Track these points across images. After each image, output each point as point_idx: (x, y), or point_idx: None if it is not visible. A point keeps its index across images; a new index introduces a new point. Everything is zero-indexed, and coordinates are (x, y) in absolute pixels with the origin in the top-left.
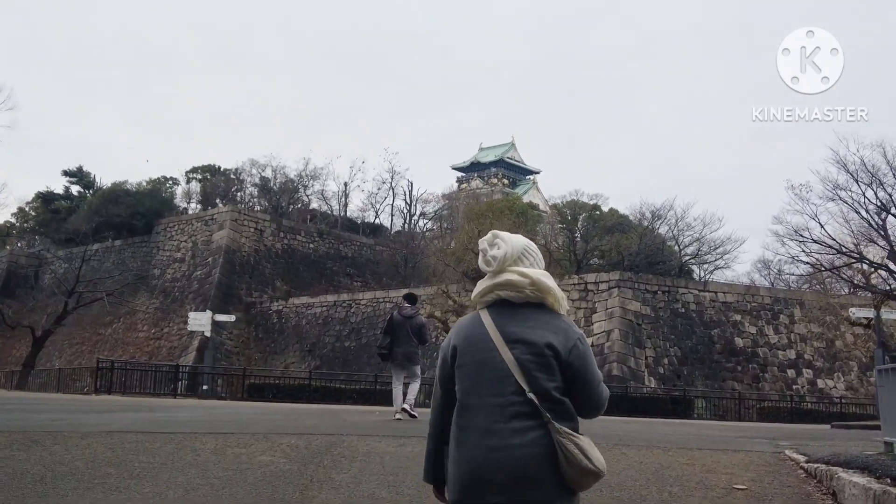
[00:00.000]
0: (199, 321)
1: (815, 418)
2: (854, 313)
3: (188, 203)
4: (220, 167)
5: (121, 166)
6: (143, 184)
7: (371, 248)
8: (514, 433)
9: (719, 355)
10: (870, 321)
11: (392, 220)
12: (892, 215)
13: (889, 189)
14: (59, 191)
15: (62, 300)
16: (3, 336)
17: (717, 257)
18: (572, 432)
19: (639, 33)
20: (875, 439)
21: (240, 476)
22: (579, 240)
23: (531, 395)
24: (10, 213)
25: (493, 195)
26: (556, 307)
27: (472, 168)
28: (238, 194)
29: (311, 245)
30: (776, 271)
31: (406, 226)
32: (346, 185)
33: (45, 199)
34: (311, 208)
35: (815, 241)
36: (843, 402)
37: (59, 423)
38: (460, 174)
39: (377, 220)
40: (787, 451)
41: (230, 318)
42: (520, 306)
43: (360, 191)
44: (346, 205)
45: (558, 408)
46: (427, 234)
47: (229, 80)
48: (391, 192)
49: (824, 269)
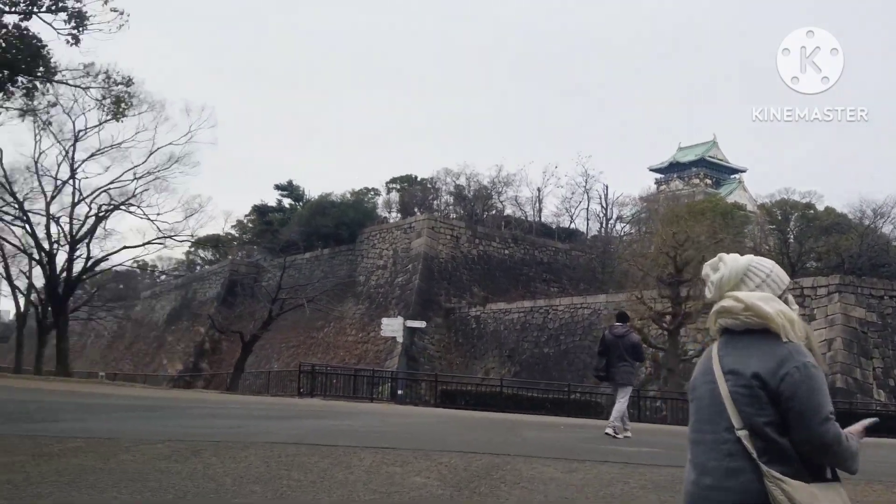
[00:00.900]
0: (392, 327)
1: None
2: None
3: (388, 212)
4: (416, 177)
5: (326, 179)
6: (347, 195)
7: (566, 253)
8: (728, 474)
9: None
10: None
11: (588, 225)
12: None
13: None
14: (273, 203)
15: (268, 307)
16: (227, 339)
17: None
18: (783, 478)
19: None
20: None
21: (385, 500)
22: (792, 241)
23: (739, 433)
24: (230, 226)
25: (695, 196)
26: (782, 333)
27: (671, 169)
28: (434, 202)
29: (506, 251)
30: None
31: (602, 230)
32: (539, 190)
33: (260, 211)
34: (504, 214)
35: None
36: None
37: (231, 432)
38: (658, 175)
39: (572, 225)
40: None
41: (421, 324)
42: (741, 334)
43: (554, 196)
44: (539, 210)
45: (773, 447)
46: (624, 238)
47: (420, 94)
48: (586, 196)
49: None
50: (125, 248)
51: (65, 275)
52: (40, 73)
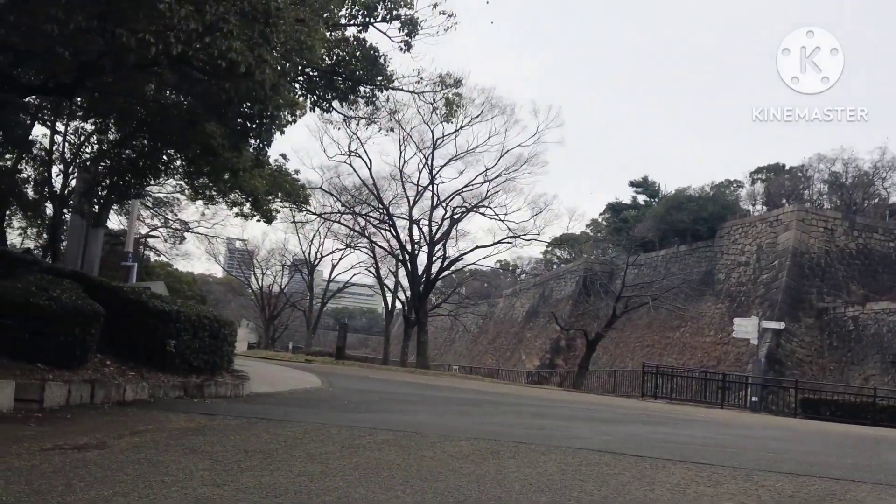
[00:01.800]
0: (745, 328)
1: None
2: None
3: (752, 205)
4: (784, 165)
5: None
6: (706, 189)
7: None
8: None
9: None
10: None
11: None
12: None
13: None
14: (627, 201)
15: (612, 305)
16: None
17: None
18: None
19: None
20: None
21: None
22: None
23: None
24: (584, 225)
25: None
26: None
27: None
28: (805, 192)
29: (892, 243)
30: None
31: None
32: None
33: (615, 209)
34: (889, 203)
35: None
36: None
37: (541, 433)
38: None
39: None
40: None
41: (780, 325)
42: None
43: None
44: None
45: None
46: None
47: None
48: None
49: None
50: (477, 247)
51: (424, 274)
52: (379, 81)
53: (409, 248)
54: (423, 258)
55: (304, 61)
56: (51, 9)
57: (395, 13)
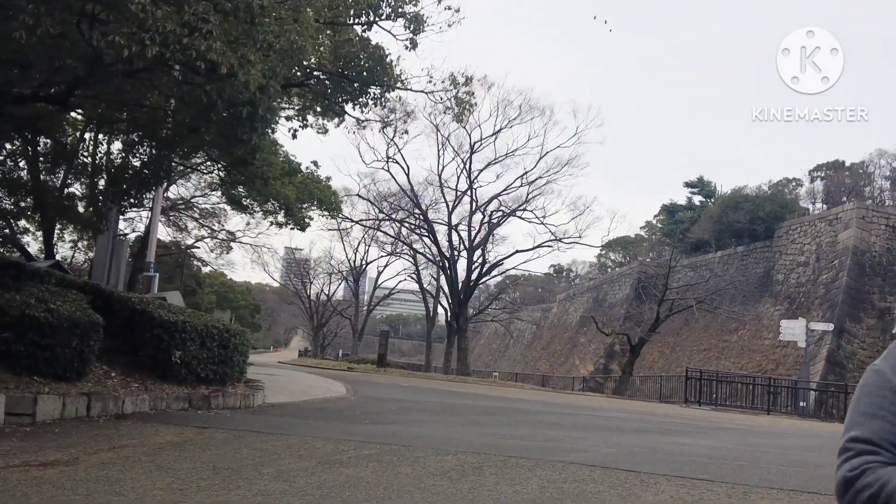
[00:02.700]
0: (793, 330)
1: None
2: None
3: (812, 203)
4: (844, 162)
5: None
6: (763, 188)
7: None
8: None
9: None
10: None
11: None
12: None
13: None
14: (682, 202)
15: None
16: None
17: None
18: None
19: None
20: None
21: None
22: None
23: None
24: (638, 227)
25: None
26: None
27: None
28: (866, 189)
29: None
30: None
31: None
32: None
33: (669, 210)
34: None
35: None
36: None
37: (540, 445)
38: None
39: None
40: None
41: (828, 326)
42: None
43: None
44: None
45: None
46: None
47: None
48: None
49: None
50: (517, 251)
51: (463, 280)
52: (386, 81)
53: (448, 253)
54: (463, 264)
55: (294, 63)
56: (19, 14)
57: (399, 10)
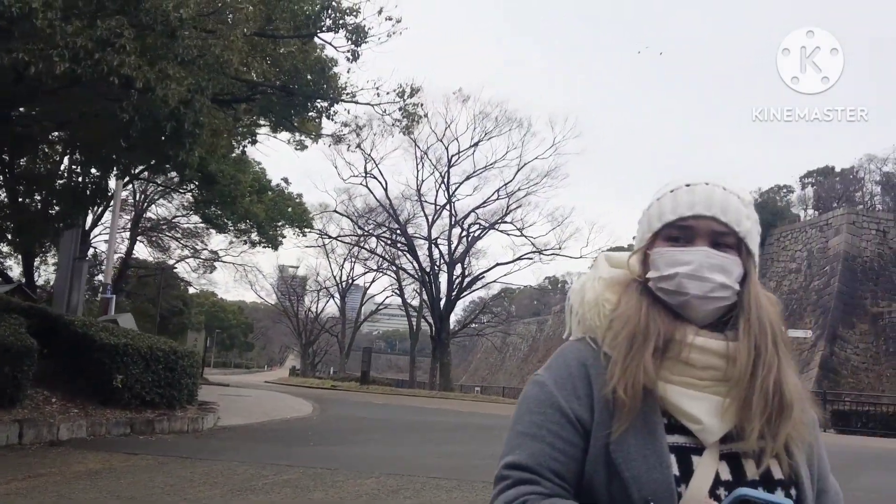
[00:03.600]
0: None
1: None
2: None
3: (804, 210)
4: (833, 168)
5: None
6: (755, 195)
7: None
8: None
9: None
10: None
11: None
12: None
13: None
14: None
15: None
16: None
17: None
18: None
19: None
20: None
21: None
22: None
23: None
24: (630, 237)
25: None
26: None
27: None
28: (856, 195)
29: None
30: None
31: None
32: None
33: None
34: None
35: None
36: None
37: (476, 466)
38: None
39: None
40: None
41: (806, 333)
42: None
43: None
44: None
45: None
46: None
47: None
48: None
49: None
50: (497, 264)
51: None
52: (332, 95)
53: (428, 268)
54: (444, 278)
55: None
56: None
57: (340, 22)
